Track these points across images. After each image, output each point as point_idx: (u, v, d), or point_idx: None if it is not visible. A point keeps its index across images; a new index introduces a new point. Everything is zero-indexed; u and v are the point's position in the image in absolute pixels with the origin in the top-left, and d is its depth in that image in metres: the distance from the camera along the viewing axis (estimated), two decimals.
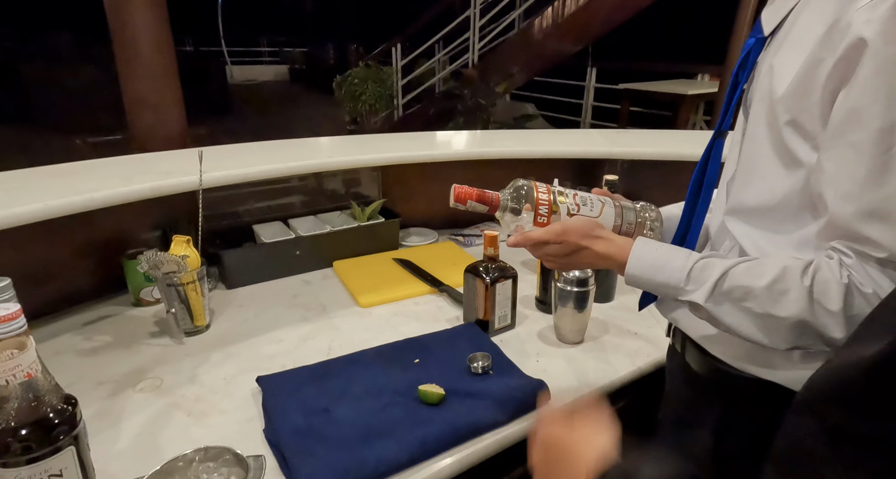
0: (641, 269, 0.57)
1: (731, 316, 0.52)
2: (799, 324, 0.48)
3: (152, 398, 0.80)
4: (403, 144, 1.59)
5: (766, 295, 0.50)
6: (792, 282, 0.49)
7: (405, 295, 1.16)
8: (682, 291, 0.54)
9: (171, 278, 0.92)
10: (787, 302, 0.49)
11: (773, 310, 0.49)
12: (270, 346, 0.96)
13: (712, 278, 0.52)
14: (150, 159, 1.21)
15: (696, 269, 0.54)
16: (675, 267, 0.55)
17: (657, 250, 0.58)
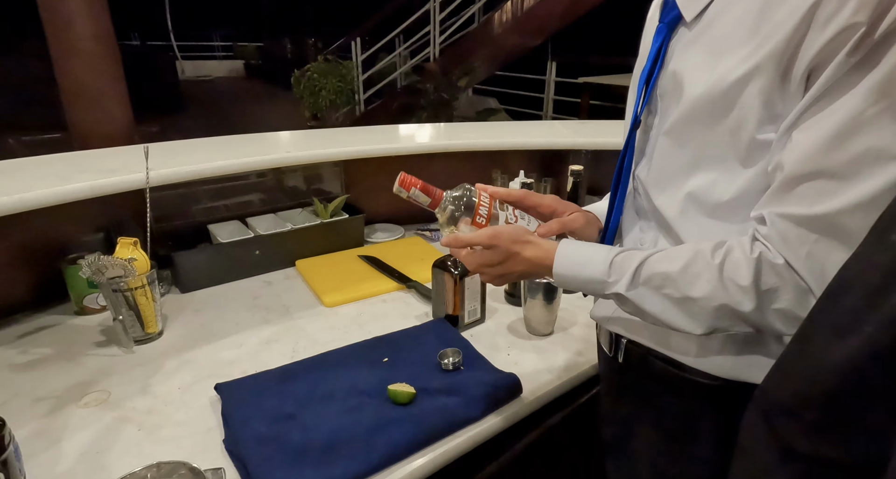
0: (567, 267, 0.57)
1: (652, 304, 0.52)
2: (715, 303, 0.49)
3: (98, 413, 0.74)
4: (366, 137, 1.55)
5: (681, 278, 0.50)
6: (703, 263, 0.49)
7: (372, 293, 1.12)
8: (606, 284, 0.54)
9: (116, 283, 0.86)
10: (702, 283, 0.49)
11: (690, 292, 0.49)
12: (230, 351, 0.91)
13: (631, 267, 0.53)
14: (91, 157, 1.12)
15: (617, 261, 0.54)
16: (598, 261, 0.55)
17: (581, 247, 0.58)
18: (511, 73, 5.44)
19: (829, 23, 0.42)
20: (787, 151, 0.46)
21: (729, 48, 0.49)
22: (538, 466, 0.88)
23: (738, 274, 0.47)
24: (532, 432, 0.85)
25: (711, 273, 0.48)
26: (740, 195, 0.51)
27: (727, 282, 0.48)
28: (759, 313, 0.48)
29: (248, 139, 1.43)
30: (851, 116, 0.42)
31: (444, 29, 5.12)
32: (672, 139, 0.55)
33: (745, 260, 0.47)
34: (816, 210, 0.44)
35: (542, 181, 1.39)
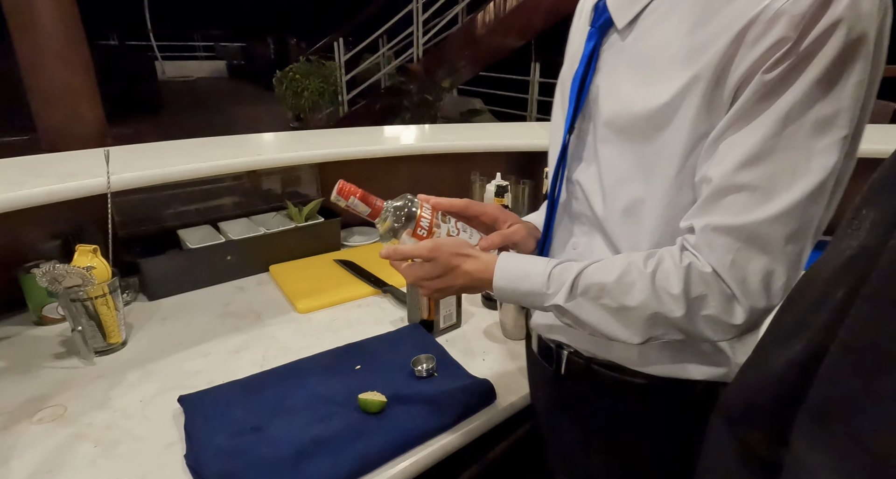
0: (507, 280, 0.57)
1: (590, 314, 0.52)
2: (648, 312, 0.50)
3: (52, 429, 0.71)
4: (343, 139, 1.52)
5: (616, 288, 0.51)
6: (637, 272, 0.50)
7: (347, 298, 1.10)
8: (545, 296, 0.54)
9: (75, 292, 0.82)
10: (636, 292, 0.50)
11: (625, 301, 0.50)
12: (197, 361, 0.88)
13: (569, 279, 0.53)
14: (51, 160, 1.09)
15: (555, 273, 0.54)
16: (536, 273, 0.55)
17: (520, 260, 0.58)
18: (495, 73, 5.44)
19: (759, 41, 0.43)
20: (713, 164, 0.47)
21: (661, 65, 0.50)
22: (512, 473, 0.87)
23: (669, 282, 0.48)
24: (506, 439, 0.84)
25: (644, 282, 0.49)
26: (674, 206, 0.52)
27: (659, 290, 0.49)
28: (689, 320, 0.49)
29: (223, 141, 1.39)
30: (773, 131, 0.44)
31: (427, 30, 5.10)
32: (611, 149, 0.56)
33: (676, 269, 0.48)
34: (739, 221, 0.46)
35: (520, 183, 1.38)
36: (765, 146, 0.44)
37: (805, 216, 0.45)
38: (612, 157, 0.55)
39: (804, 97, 0.43)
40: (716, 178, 0.47)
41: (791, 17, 0.42)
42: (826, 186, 0.44)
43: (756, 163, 0.45)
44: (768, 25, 0.43)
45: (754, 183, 0.45)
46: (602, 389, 0.62)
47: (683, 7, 0.49)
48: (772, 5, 0.43)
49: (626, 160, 0.54)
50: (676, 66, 0.48)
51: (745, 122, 0.45)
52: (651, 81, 0.50)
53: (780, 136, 0.43)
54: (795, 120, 0.43)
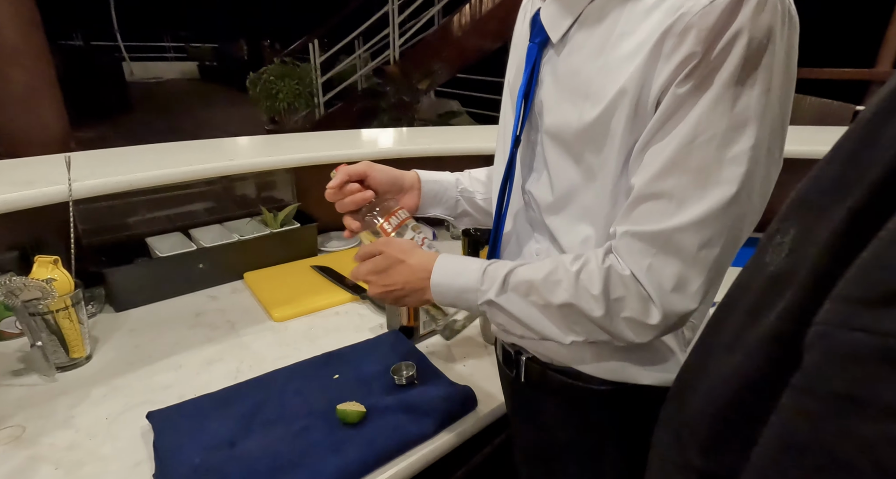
0: (443, 275, 0.58)
1: (520, 310, 0.54)
2: (572, 310, 0.51)
3: (9, 452, 0.67)
4: (318, 143, 1.49)
5: (543, 286, 0.53)
6: (563, 271, 0.52)
7: (324, 305, 1.08)
8: (478, 292, 0.56)
9: (34, 306, 0.78)
10: (560, 290, 0.51)
11: (551, 298, 0.52)
12: (167, 374, 0.84)
13: (501, 275, 0.55)
14: (7, 167, 1.03)
15: (490, 270, 0.56)
16: (472, 269, 0.57)
17: (457, 258, 0.60)
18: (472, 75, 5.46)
19: (672, 55, 0.45)
20: (637, 172, 0.49)
21: (591, 80, 0.51)
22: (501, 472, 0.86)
23: (591, 283, 0.50)
24: (489, 444, 0.83)
25: (569, 281, 0.51)
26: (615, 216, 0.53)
27: (581, 290, 0.51)
28: (609, 321, 0.50)
29: (194, 146, 1.35)
30: (684, 143, 0.45)
31: (403, 32, 5.09)
32: (558, 159, 0.57)
33: (598, 270, 0.50)
34: (654, 228, 0.48)
35: None
36: (678, 156, 0.46)
37: (719, 224, 0.46)
38: (560, 167, 0.57)
39: (711, 108, 0.44)
40: (637, 186, 0.49)
41: (699, 30, 0.43)
42: (740, 196, 0.46)
43: (670, 172, 0.46)
44: (680, 39, 0.44)
45: (669, 192, 0.47)
46: (558, 395, 0.63)
47: (608, 20, 0.51)
48: (682, 18, 0.44)
49: (574, 171, 0.55)
50: (604, 80, 0.50)
51: (662, 133, 0.47)
52: (583, 96, 0.52)
53: (692, 146, 0.45)
54: (705, 131, 0.45)
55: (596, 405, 0.60)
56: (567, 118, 0.53)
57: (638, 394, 0.58)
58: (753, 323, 0.29)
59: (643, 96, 0.48)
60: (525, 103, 0.58)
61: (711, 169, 0.45)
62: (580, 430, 0.62)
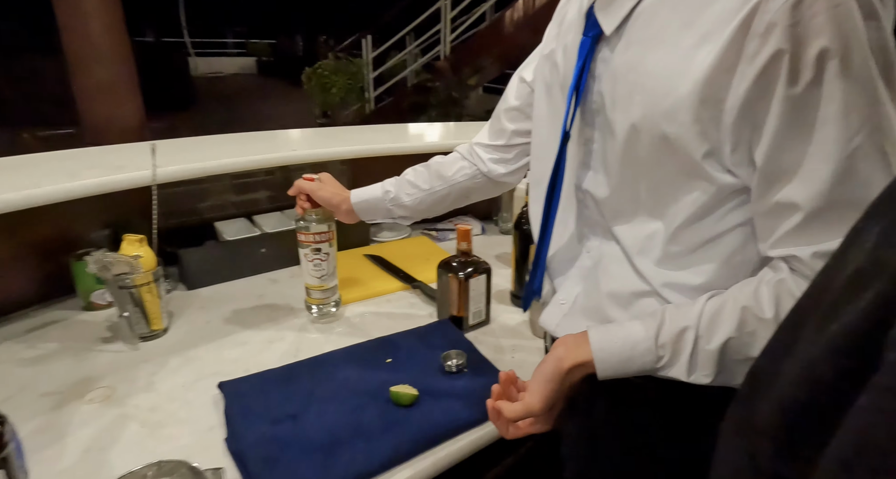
0: (613, 369, 0.53)
1: (714, 377, 0.50)
2: None
3: (102, 410, 0.74)
4: (372, 136, 1.54)
5: (740, 341, 0.48)
6: (755, 321, 0.48)
7: (376, 292, 1.12)
8: (658, 370, 0.52)
9: (122, 279, 0.86)
10: (759, 342, 0.48)
11: (752, 353, 0.48)
12: (234, 349, 0.91)
13: (684, 351, 0.50)
14: (100, 153, 1.13)
15: (661, 344, 0.52)
16: (641, 352, 0.52)
17: (611, 337, 0.54)
18: None
19: (757, 56, 0.43)
20: (794, 187, 0.45)
21: (647, 78, 0.49)
22: (541, 470, 0.87)
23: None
24: (529, 441, 0.84)
25: (768, 332, 0.47)
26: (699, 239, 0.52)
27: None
28: None
29: (256, 137, 1.43)
30: (841, 142, 0.42)
31: (454, 27, 5.11)
32: (620, 159, 0.55)
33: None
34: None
35: None
36: (842, 158, 0.43)
37: None
38: (622, 165, 0.55)
39: (843, 97, 0.42)
40: (803, 201, 0.45)
41: (784, 27, 0.41)
42: None
43: (848, 176, 0.43)
44: (763, 39, 0.42)
45: (854, 197, 0.43)
46: (605, 391, 0.61)
47: (665, 10, 0.49)
48: (761, 14, 0.42)
49: (636, 168, 0.54)
50: (667, 77, 0.48)
51: (797, 141, 0.44)
52: (643, 93, 0.50)
53: (850, 143, 0.42)
54: (854, 123, 0.42)
55: (643, 403, 0.59)
56: (628, 115, 0.52)
57: (687, 394, 0.57)
58: (831, 323, 0.29)
59: (720, 98, 0.45)
60: (575, 98, 0.57)
61: (885, 162, 0.42)
62: (626, 428, 0.62)
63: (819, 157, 0.43)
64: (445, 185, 0.87)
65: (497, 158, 0.85)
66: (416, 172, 0.90)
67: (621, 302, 0.59)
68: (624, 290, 0.59)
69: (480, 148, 0.86)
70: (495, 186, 0.89)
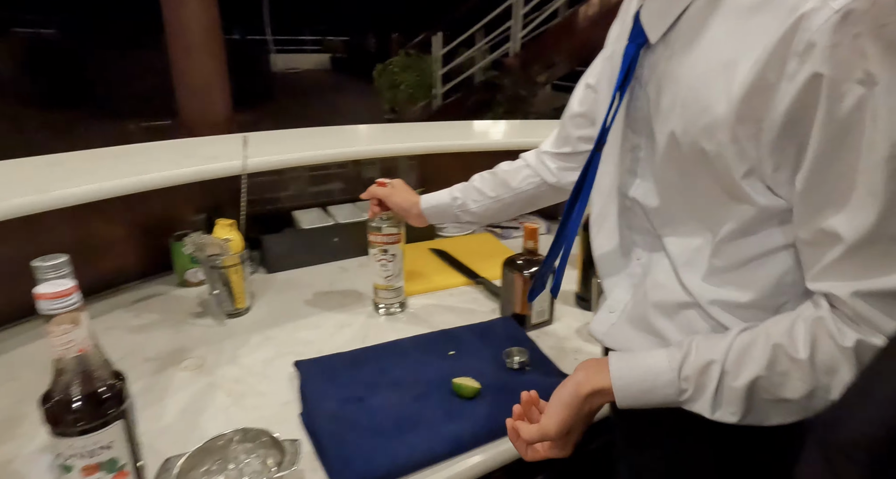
0: (633, 398, 0.51)
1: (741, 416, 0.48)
2: (812, 398, 0.45)
3: (195, 378, 0.82)
4: (440, 133, 1.57)
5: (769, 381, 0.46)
6: (788, 361, 0.45)
7: (441, 286, 1.15)
8: (682, 403, 0.50)
9: (214, 260, 0.94)
10: (795, 383, 0.45)
11: (783, 394, 0.46)
12: (308, 331, 0.97)
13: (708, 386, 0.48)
14: (196, 144, 1.24)
15: (684, 377, 0.49)
16: (664, 382, 0.50)
17: (631, 366, 0.52)
18: None
19: (797, 75, 0.40)
20: (837, 217, 0.42)
21: (688, 90, 0.48)
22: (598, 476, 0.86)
23: (834, 364, 0.43)
24: (594, 440, 0.83)
25: (803, 371, 0.45)
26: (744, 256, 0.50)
27: (819, 375, 0.44)
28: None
29: (332, 131, 1.50)
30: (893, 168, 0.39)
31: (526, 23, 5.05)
32: (667, 168, 0.54)
33: (838, 350, 0.43)
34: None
35: None
36: (891, 189, 0.39)
37: None
38: (666, 175, 0.54)
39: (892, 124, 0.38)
40: (847, 233, 0.42)
41: (824, 48, 0.38)
42: None
43: (893, 211, 0.40)
44: (802, 59, 0.39)
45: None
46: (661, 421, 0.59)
47: (709, 21, 0.47)
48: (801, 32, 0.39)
49: (679, 180, 0.52)
50: (706, 91, 0.46)
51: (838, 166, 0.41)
52: (684, 106, 0.49)
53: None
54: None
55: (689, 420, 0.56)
56: (669, 127, 0.51)
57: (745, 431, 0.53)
58: None
59: (759, 116, 0.44)
60: (616, 103, 0.56)
61: None
62: (681, 438, 0.60)
63: (865, 186, 0.40)
64: (510, 193, 0.88)
65: (563, 166, 0.85)
66: (482, 178, 0.91)
67: (667, 312, 0.58)
68: (670, 301, 0.57)
69: (547, 156, 0.86)
70: (562, 194, 0.88)
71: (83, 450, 0.51)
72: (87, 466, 0.52)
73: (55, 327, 0.49)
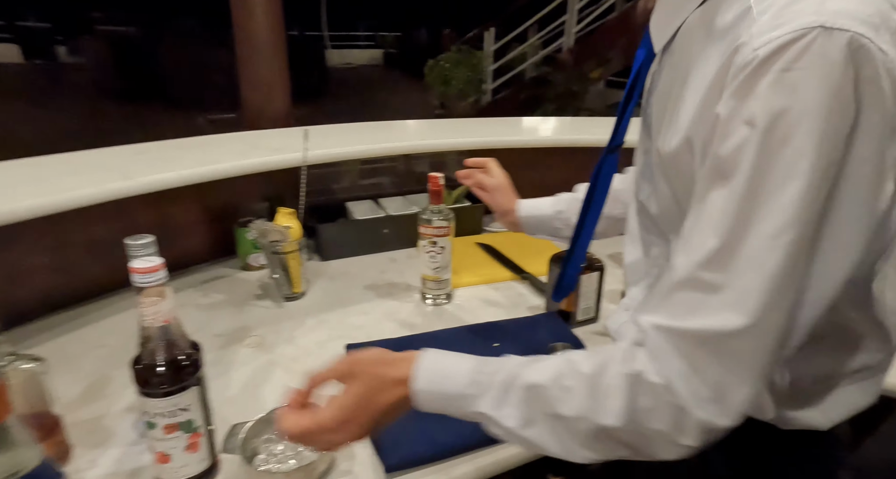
0: (428, 381, 0.50)
1: (519, 423, 0.46)
2: (586, 424, 0.43)
3: (256, 354, 0.89)
4: (491, 129, 1.59)
5: (551, 393, 0.45)
6: (574, 377, 0.45)
7: (487, 279, 1.17)
8: (469, 398, 0.48)
9: (275, 246, 1.01)
10: (571, 400, 0.44)
11: (558, 408, 0.44)
12: (358, 317, 1.01)
13: (497, 380, 0.47)
14: (260, 136, 1.32)
15: (483, 373, 0.49)
16: (461, 372, 0.49)
17: (443, 358, 0.51)
18: None
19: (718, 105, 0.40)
20: (679, 254, 0.42)
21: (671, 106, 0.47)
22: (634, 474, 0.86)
23: (611, 392, 0.43)
24: None
25: (583, 389, 0.44)
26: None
27: (599, 399, 0.43)
28: (635, 436, 0.43)
29: (384, 126, 1.55)
30: (744, 217, 0.38)
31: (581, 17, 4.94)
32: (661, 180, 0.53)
33: (620, 377, 0.43)
34: (697, 325, 0.41)
35: None
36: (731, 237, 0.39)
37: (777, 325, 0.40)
38: (661, 184, 0.53)
39: (755, 175, 0.38)
40: (678, 268, 0.42)
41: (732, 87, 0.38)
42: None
43: (725, 256, 0.40)
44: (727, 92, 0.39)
45: (714, 282, 0.40)
46: None
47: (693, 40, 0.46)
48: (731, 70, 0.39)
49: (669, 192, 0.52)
50: (679, 111, 0.46)
51: (703, 202, 0.41)
52: (667, 121, 0.48)
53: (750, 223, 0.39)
54: (762, 204, 0.38)
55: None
56: (661, 138, 0.51)
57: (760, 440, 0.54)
58: None
59: (694, 141, 0.44)
60: (623, 112, 0.57)
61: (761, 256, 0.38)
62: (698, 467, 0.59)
63: (710, 223, 0.40)
64: (621, 210, 0.79)
65: None
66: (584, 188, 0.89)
67: None
68: None
69: None
70: None
71: (165, 410, 0.57)
72: (168, 425, 0.58)
73: (145, 299, 0.55)
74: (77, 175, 0.98)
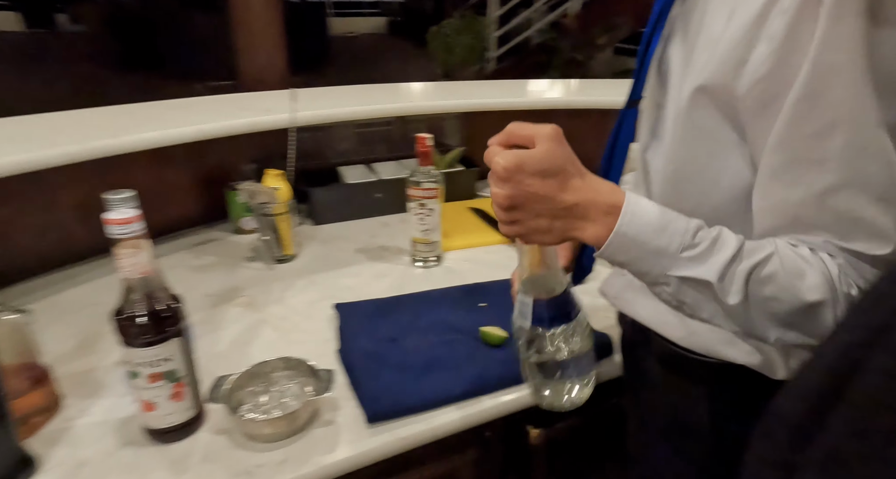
0: (635, 225, 0.44)
1: (741, 298, 0.44)
2: (821, 308, 0.43)
3: (246, 314, 0.90)
4: (487, 91, 1.55)
5: (787, 278, 0.44)
6: (806, 265, 0.44)
7: (477, 243, 1.17)
8: (686, 261, 0.44)
9: (264, 207, 1.01)
10: (812, 286, 0.43)
11: (802, 296, 0.44)
12: (348, 279, 1.02)
13: (727, 249, 0.44)
14: (253, 98, 1.30)
15: (702, 235, 0.45)
16: (677, 230, 0.44)
17: (653, 205, 0.46)
18: None
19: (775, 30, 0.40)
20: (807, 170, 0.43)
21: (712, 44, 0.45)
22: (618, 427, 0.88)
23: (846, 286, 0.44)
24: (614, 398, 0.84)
25: (823, 276, 0.44)
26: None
27: (839, 292, 0.44)
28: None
29: (378, 88, 1.52)
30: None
31: None
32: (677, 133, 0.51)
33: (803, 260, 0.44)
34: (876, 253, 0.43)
35: None
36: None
37: None
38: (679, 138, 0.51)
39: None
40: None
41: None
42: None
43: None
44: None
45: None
46: (659, 359, 0.62)
47: None
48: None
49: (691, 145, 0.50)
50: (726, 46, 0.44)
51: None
52: (707, 61, 0.46)
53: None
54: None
55: (690, 373, 0.59)
56: (692, 83, 0.47)
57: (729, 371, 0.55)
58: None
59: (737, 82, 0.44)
60: (644, 57, 0.54)
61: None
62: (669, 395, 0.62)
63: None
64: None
65: None
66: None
67: None
68: None
69: None
70: None
71: (147, 360, 0.58)
72: (152, 374, 0.59)
73: (122, 250, 0.55)
74: (63, 133, 0.98)
